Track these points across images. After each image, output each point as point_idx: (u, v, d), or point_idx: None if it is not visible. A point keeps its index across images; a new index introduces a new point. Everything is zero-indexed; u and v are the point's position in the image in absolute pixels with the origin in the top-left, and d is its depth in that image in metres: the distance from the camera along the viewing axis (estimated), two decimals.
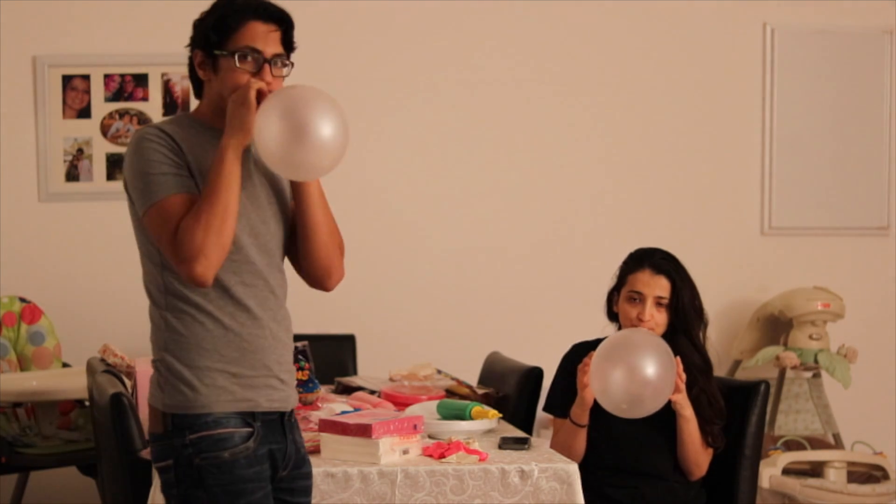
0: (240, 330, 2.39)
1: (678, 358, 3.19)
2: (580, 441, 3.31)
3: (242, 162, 2.37)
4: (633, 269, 3.37)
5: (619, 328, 3.42)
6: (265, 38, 2.42)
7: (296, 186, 2.45)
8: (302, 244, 2.48)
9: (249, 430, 2.38)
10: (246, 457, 2.36)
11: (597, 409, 3.27)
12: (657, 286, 3.32)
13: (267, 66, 2.40)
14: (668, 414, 3.24)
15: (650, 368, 3.11)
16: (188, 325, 2.37)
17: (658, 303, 3.32)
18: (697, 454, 3.31)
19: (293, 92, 2.36)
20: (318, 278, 2.51)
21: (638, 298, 3.33)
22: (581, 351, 3.42)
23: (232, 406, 2.37)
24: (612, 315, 3.45)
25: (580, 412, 3.29)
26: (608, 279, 3.46)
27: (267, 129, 2.32)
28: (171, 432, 2.35)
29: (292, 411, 2.48)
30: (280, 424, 2.44)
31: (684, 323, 3.32)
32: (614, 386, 3.14)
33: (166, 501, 2.42)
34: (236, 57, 2.39)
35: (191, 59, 2.48)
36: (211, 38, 2.41)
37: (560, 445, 3.30)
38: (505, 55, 5.22)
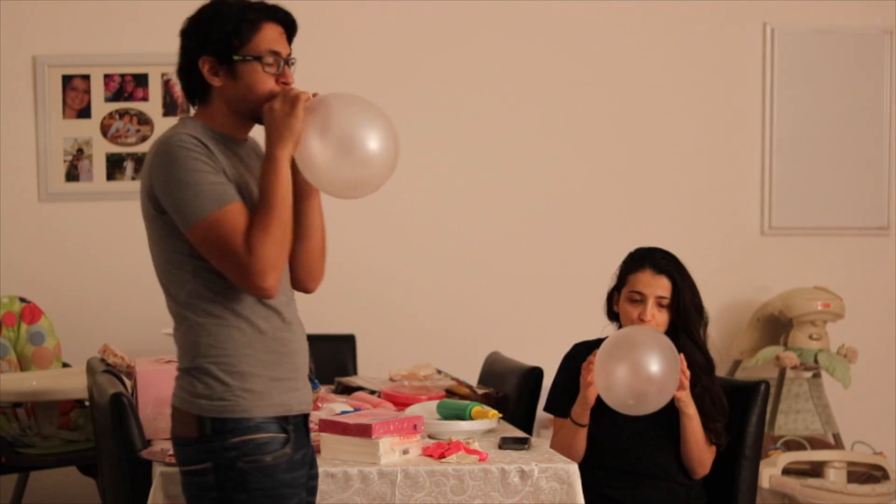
0: (273, 334, 2.41)
1: (682, 355, 3.19)
2: (580, 441, 3.31)
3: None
4: (634, 269, 3.37)
5: (620, 328, 3.42)
6: (279, 39, 2.43)
7: (305, 190, 2.45)
8: (295, 245, 2.47)
9: (286, 435, 2.40)
10: (285, 461, 2.39)
11: (598, 408, 3.27)
12: (658, 286, 3.32)
13: (286, 68, 2.42)
14: (669, 413, 3.24)
15: (654, 365, 3.11)
16: (225, 330, 2.37)
17: (659, 303, 3.32)
18: (701, 452, 3.31)
19: (337, 105, 2.39)
20: (302, 280, 2.52)
21: (639, 298, 3.33)
22: (582, 350, 3.42)
23: (271, 410, 2.39)
24: (613, 315, 3.45)
25: (581, 411, 3.29)
26: (608, 279, 3.46)
27: (312, 149, 2.34)
28: (210, 436, 2.35)
29: (308, 413, 2.53)
30: (304, 427, 2.49)
31: (686, 322, 3.33)
32: (619, 383, 3.14)
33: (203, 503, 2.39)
34: (262, 62, 2.39)
35: (187, 65, 2.42)
36: (229, 43, 2.38)
37: (560, 445, 3.30)
38: (503, 55, 5.22)
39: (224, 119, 2.43)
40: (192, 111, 2.50)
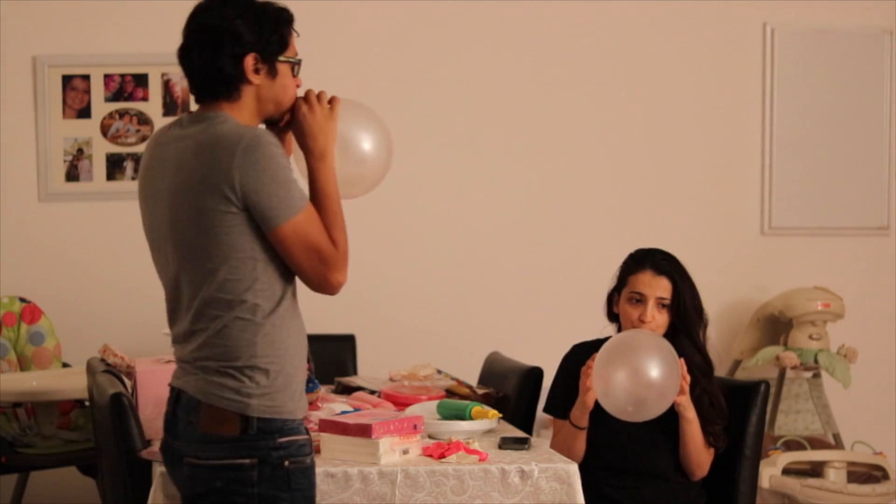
0: (301, 332, 2.49)
1: (682, 359, 3.18)
2: (580, 443, 3.31)
3: None
4: (634, 269, 3.36)
5: (619, 329, 3.41)
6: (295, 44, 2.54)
7: None
8: None
9: (310, 438, 2.47)
10: (312, 464, 2.46)
11: (598, 409, 3.26)
12: (658, 287, 3.31)
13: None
14: (669, 414, 3.24)
15: (654, 370, 3.10)
16: (280, 332, 2.40)
17: (659, 303, 3.31)
18: (700, 455, 3.31)
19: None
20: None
21: (639, 299, 3.32)
22: (581, 351, 3.42)
23: (302, 412, 2.47)
24: (613, 316, 3.45)
25: (580, 415, 3.29)
26: (608, 279, 3.46)
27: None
28: (255, 435, 2.36)
29: None
30: None
31: (685, 323, 3.32)
32: (618, 389, 3.13)
33: (234, 498, 2.38)
34: (295, 68, 2.50)
35: (219, 58, 2.43)
36: (273, 44, 2.45)
37: (560, 447, 3.29)
38: (503, 55, 5.22)
39: (248, 118, 2.47)
40: (194, 105, 2.51)
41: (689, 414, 3.25)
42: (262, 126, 2.53)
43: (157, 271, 2.53)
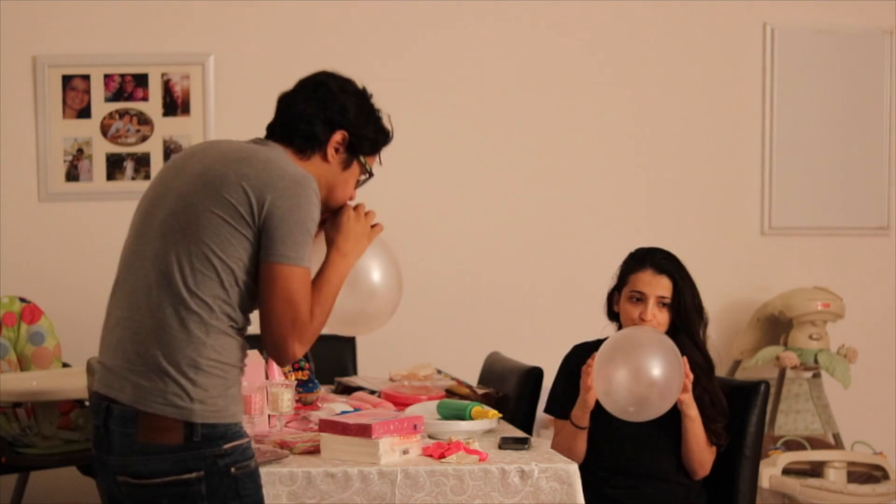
0: (245, 351, 2.47)
1: (685, 357, 3.18)
2: (580, 443, 3.31)
3: None
4: (635, 268, 3.36)
5: (620, 328, 3.41)
6: None
7: None
8: None
9: (249, 439, 2.44)
10: (256, 466, 2.43)
11: (598, 408, 3.26)
12: (659, 286, 3.31)
13: None
14: (670, 414, 3.24)
15: (657, 369, 3.09)
16: (230, 340, 2.38)
17: (660, 302, 3.31)
18: (702, 453, 3.30)
19: None
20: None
21: (640, 298, 3.32)
22: (581, 352, 3.42)
23: (241, 415, 2.44)
24: (613, 315, 3.45)
25: (581, 414, 3.28)
26: (608, 279, 3.46)
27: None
28: (199, 443, 2.30)
29: None
30: None
31: (686, 322, 3.32)
32: (619, 388, 3.11)
33: None
34: (363, 178, 2.58)
35: (318, 119, 2.48)
36: (365, 140, 2.53)
37: (560, 447, 3.29)
38: (504, 55, 5.22)
39: None
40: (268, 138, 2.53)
41: (692, 412, 3.25)
42: None
43: (123, 250, 2.52)
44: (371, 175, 2.59)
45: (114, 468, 2.36)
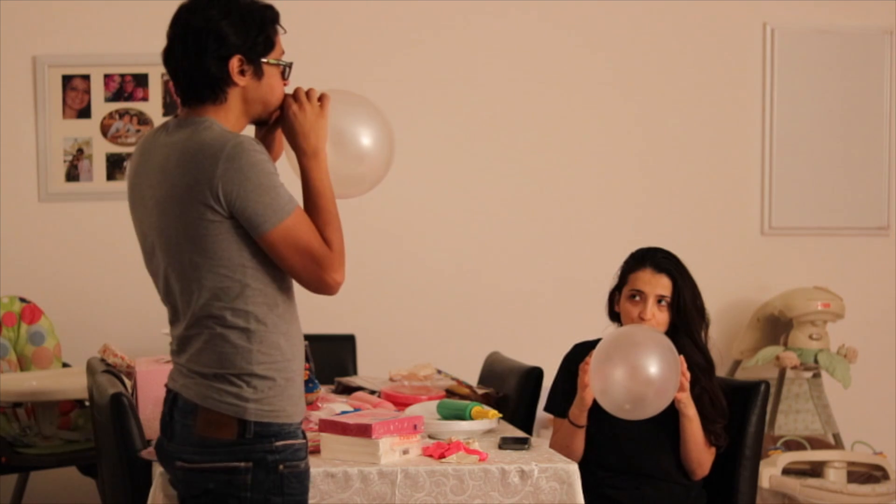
0: (298, 337, 2.48)
1: (682, 356, 3.18)
2: (578, 442, 3.31)
3: None
4: (635, 268, 3.37)
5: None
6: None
7: None
8: None
9: (306, 442, 2.47)
10: (307, 469, 2.46)
11: (597, 408, 3.26)
12: (658, 285, 3.32)
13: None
14: (669, 413, 3.24)
15: (653, 367, 3.09)
16: (275, 337, 2.39)
17: (659, 301, 3.32)
18: (700, 453, 3.30)
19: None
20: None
21: (639, 297, 3.33)
22: (582, 351, 3.42)
23: (301, 415, 2.46)
24: (614, 315, 3.45)
25: (578, 413, 3.29)
26: (608, 279, 3.46)
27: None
28: (252, 439, 2.36)
29: None
30: None
31: (686, 322, 3.32)
32: (615, 386, 3.12)
33: (227, 500, 2.38)
34: (284, 69, 2.46)
35: (203, 61, 2.38)
36: (259, 45, 2.42)
37: (558, 445, 3.30)
38: (503, 55, 5.22)
39: (235, 120, 2.44)
40: (182, 110, 2.47)
41: (690, 411, 3.25)
42: (251, 129, 2.51)
43: (151, 277, 2.51)
44: (286, 63, 2.47)
45: (172, 454, 2.45)
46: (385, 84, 5.06)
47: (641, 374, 3.09)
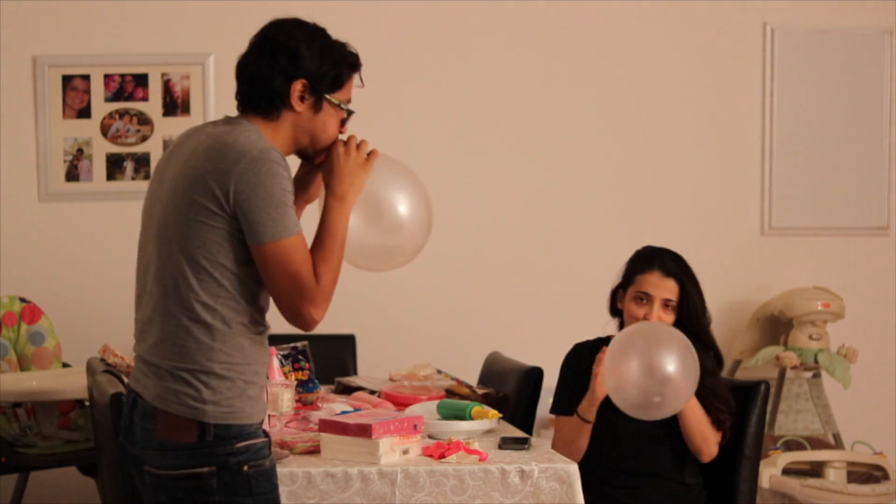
0: (265, 345, 2.48)
1: None
2: (584, 437, 3.30)
3: None
4: (642, 269, 3.35)
5: (621, 324, 3.41)
6: (351, 90, 2.55)
7: None
8: None
9: (269, 440, 2.47)
10: (273, 465, 2.46)
11: (600, 407, 3.27)
12: (665, 288, 3.31)
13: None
14: (669, 420, 3.24)
15: (671, 365, 3.06)
16: (238, 339, 2.39)
17: (665, 305, 3.31)
18: (703, 426, 3.26)
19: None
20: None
21: (646, 300, 3.32)
22: (582, 350, 3.43)
23: (261, 415, 2.46)
24: (615, 311, 3.44)
25: (588, 407, 3.28)
26: (609, 279, 3.46)
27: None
28: (213, 442, 2.36)
29: None
30: None
31: (693, 324, 3.31)
32: (630, 385, 3.08)
33: None
34: (345, 111, 2.50)
35: (272, 76, 2.44)
36: (327, 79, 2.46)
37: (563, 441, 3.30)
38: (503, 55, 5.22)
39: (281, 142, 2.46)
40: (238, 115, 2.50)
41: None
42: (295, 163, 2.53)
43: (137, 252, 2.51)
44: (348, 109, 2.52)
45: (138, 458, 2.45)
46: (383, 83, 5.06)
47: (659, 372, 3.06)
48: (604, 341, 3.42)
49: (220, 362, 2.37)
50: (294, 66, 2.44)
